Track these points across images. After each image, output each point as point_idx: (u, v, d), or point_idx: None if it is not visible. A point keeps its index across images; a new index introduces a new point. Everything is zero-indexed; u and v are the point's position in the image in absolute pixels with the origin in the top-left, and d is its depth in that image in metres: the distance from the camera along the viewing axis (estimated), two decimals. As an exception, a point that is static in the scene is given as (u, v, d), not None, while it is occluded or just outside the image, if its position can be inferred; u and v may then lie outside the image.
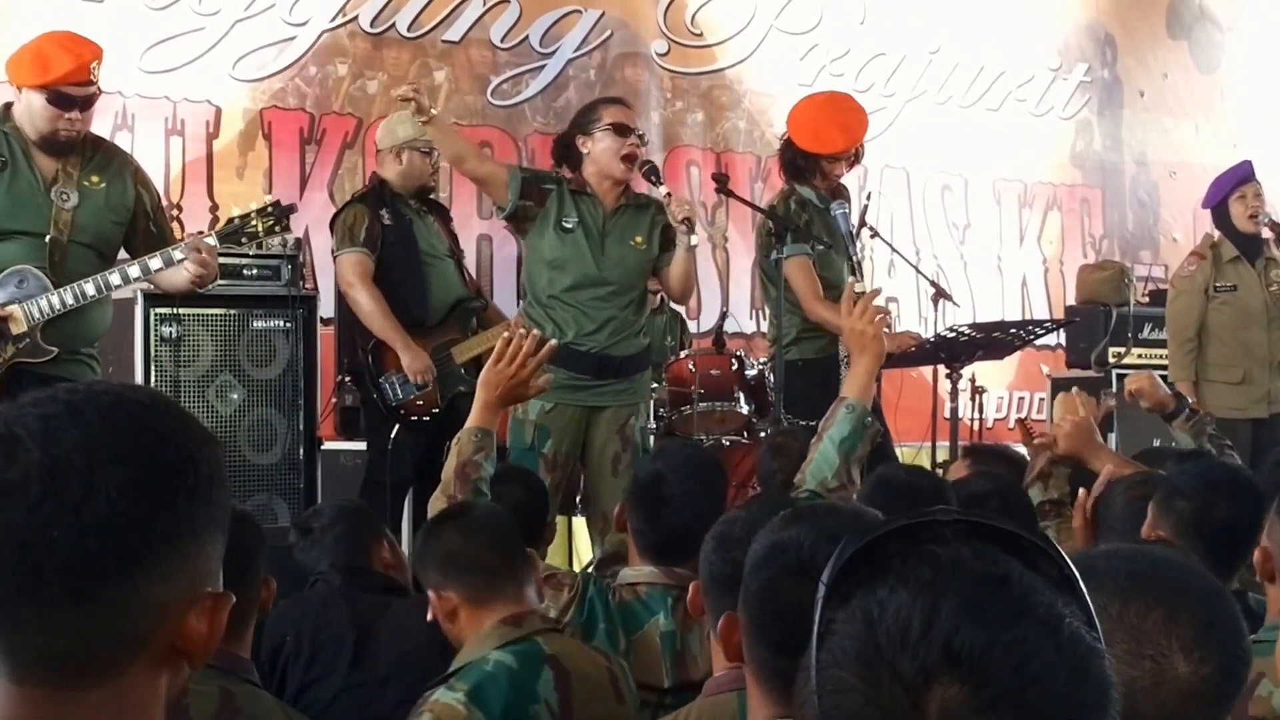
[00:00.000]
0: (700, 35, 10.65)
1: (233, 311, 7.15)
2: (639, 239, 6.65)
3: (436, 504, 4.47)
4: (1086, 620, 1.44)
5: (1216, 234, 8.88)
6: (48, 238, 5.81)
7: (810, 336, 7.17)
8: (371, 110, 9.43)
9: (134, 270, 5.86)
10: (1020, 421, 7.18)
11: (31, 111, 5.85)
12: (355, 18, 9.45)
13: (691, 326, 10.28)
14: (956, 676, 1.37)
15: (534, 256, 6.62)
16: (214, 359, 7.13)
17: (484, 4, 9.82)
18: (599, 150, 6.60)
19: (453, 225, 7.94)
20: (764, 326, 10.48)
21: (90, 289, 5.80)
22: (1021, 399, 11.57)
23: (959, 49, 11.66)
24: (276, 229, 6.22)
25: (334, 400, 7.91)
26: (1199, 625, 2.10)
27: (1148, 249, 12.79)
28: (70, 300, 5.78)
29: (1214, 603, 2.18)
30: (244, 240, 6.17)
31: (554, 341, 4.86)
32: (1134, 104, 12.76)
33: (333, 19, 9.38)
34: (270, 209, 6.18)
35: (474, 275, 8.44)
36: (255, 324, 7.24)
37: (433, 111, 6.56)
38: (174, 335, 7.04)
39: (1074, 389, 5.62)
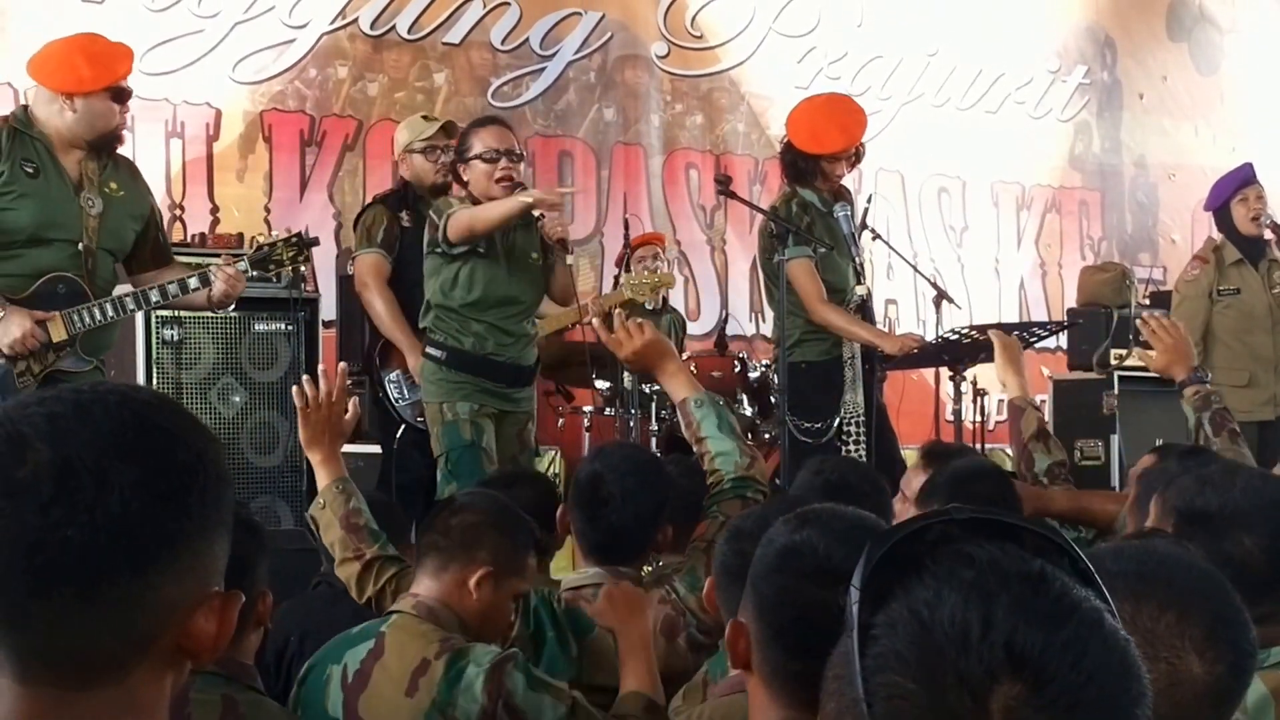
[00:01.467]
0: (700, 37, 10.65)
1: (234, 314, 7.11)
2: (534, 255, 6.70)
3: (348, 567, 4.39)
4: (1109, 611, 1.45)
5: (1218, 237, 8.87)
6: (81, 244, 5.82)
7: (813, 339, 7.14)
8: (372, 112, 9.43)
9: (172, 288, 5.87)
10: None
11: (93, 115, 5.86)
12: (355, 20, 9.46)
13: (692, 328, 10.28)
14: (1020, 676, 1.37)
15: (445, 278, 6.59)
16: (216, 362, 7.12)
17: (484, 6, 9.83)
18: (475, 179, 6.57)
19: None
20: (764, 328, 10.50)
21: (130, 304, 5.83)
22: (1021, 401, 11.55)
23: (957, 51, 11.66)
24: (300, 259, 6.25)
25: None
26: (1210, 625, 2.12)
27: (1146, 251, 12.79)
28: (111, 313, 5.79)
29: (1222, 601, 2.19)
30: (271, 267, 6.20)
31: (344, 365, 4.80)
32: (1133, 106, 12.77)
33: (332, 21, 9.38)
34: (295, 239, 6.22)
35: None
36: (257, 326, 7.22)
37: None
38: (176, 338, 7.03)
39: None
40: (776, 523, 2.52)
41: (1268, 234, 8.64)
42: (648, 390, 8.20)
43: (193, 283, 5.88)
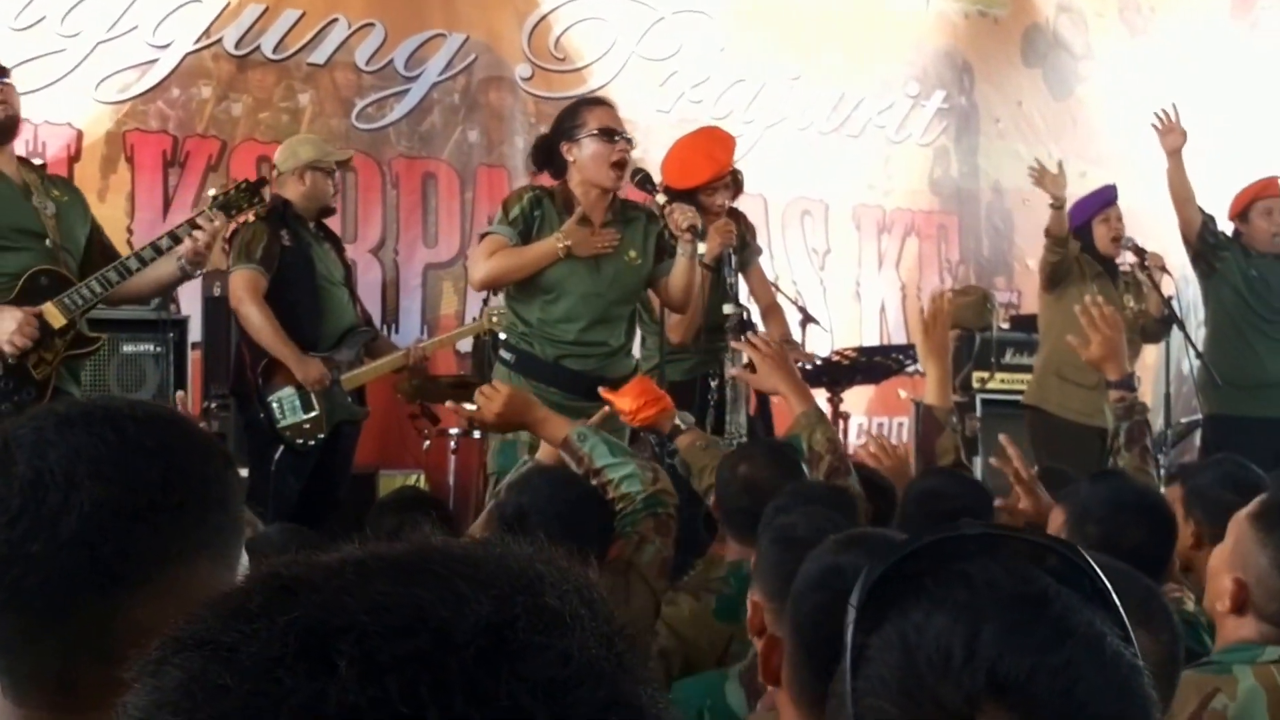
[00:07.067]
0: (564, 60, 10.63)
1: (101, 335, 7.03)
2: (633, 254, 6.35)
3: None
4: (1123, 635, 1.42)
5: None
6: (49, 241, 5.82)
7: (673, 358, 7.03)
8: (235, 133, 9.33)
9: (147, 252, 5.92)
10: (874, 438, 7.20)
11: None
12: (219, 40, 9.35)
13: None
14: (1003, 704, 1.34)
15: (525, 281, 6.26)
16: (82, 383, 7.00)
17: (349, 27, 9.75)
18: (586, 158, 6.22)
19: (346, 255, 7.89)
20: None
21: (114, 276, 5.85)
22: (881, 424, 11.63)
23: (819, 76, 11.71)
24: (256, 202, 6.39)
25: (201, 424, 7.78)
26: (1138, 601, 2.18)
27: (1002, 275, 12.90)
28: (99, 288, 5.85)
29: (1133, 577, 2.27)
30: (233, 212, 6.33)
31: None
32: (989, 131, 12.89)
33: (196, 41, 9.27)
34: (245, 184, 6.33)
35: (365, 305, 8.31)
36: (125, 348, 7.14)
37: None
38: (42, 359, 6.92)
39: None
40: (825, 541, 2.51)
41: (1129, 256, 8.82)
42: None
43: (164, 242, 5.92)
